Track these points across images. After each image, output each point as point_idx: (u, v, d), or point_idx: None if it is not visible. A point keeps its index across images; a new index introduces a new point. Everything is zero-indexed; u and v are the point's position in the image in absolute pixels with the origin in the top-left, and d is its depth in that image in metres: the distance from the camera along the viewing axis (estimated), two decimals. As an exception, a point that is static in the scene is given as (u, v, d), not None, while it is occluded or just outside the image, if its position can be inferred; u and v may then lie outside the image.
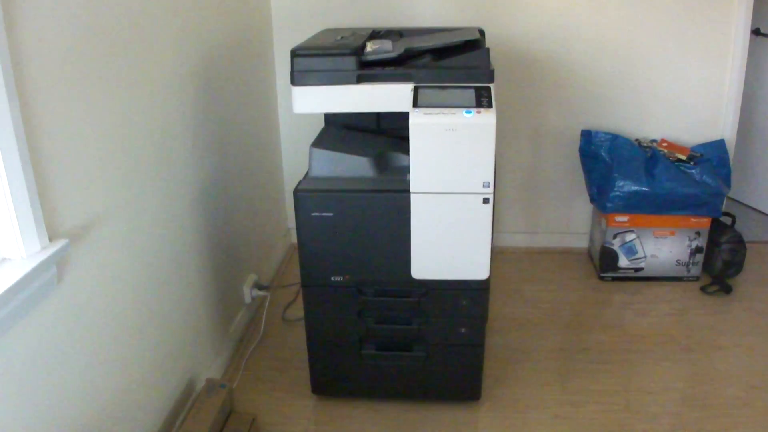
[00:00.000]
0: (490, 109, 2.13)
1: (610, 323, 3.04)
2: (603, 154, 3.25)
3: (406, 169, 2.24)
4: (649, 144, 3.29)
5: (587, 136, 3.31)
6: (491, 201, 2.19)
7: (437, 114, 2.13)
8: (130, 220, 2.01)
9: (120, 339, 1.98)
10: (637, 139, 3.31)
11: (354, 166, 2.32)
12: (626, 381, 2.65)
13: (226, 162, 2.78)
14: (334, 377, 2.50)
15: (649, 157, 3.19)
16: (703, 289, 3.25)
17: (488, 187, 2.16)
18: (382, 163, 2.34)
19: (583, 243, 3.70)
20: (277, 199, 3.62)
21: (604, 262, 3.32)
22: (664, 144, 3.28)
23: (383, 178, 2.30)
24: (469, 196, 2.18)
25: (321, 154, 2.34)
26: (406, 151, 2.19)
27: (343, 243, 2.27)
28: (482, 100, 2.17)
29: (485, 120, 2.11)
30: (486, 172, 2.15)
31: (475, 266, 2.27)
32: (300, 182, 2.30)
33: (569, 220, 3.67)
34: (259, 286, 3.02)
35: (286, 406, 2.54)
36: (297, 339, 2.52)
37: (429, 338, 2.39)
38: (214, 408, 2.27)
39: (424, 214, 2.20)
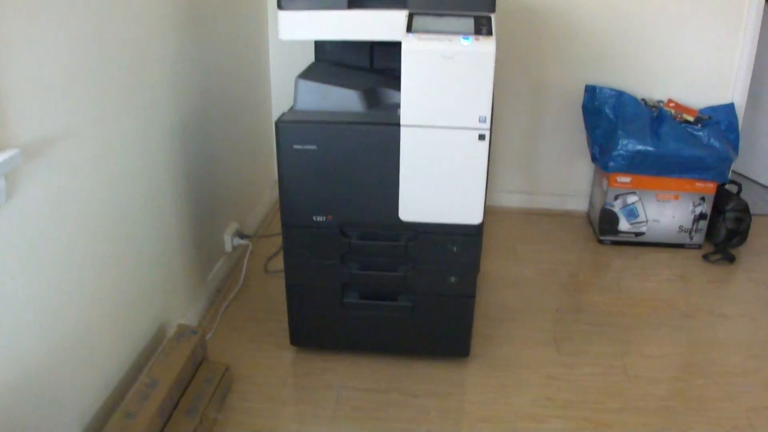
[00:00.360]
0: (490, 37, 1.93)
1: (608, 286, 2.84)
2: (607, 111, 3.04)
3: (398, 106, 2.04)
4: (656, 104, 3.08)
5: (591, 91, 3.10)
6: (488, 138, 1.98)
7: (432, 40, 1.91)
8: (98, 143, 1.81)
9: (82, 273, 1.79)
10: (643, 99, 3.10)
11: (342, 99, 2.11)
12: (623, 344, 2.45)
13: (210, 96, 2.56)
14: (314, 327, 2.30)
15: (655, 117, 2.99)
16: (705, 257, 3.05)
17: (485, 122, 1.96)
18: (372, 99, 2.14)
19: (582, 206, 3.49)
20: (265, 149, 3.40)
21: (604, 224, 3.12)
22: (671, 104, 3.07)
23: (373, 112, 2.10)
24: (463, 132, 1.97)
25: (307, 86, 2.14)
26: (400, 88, 1.99)
27: (327, 180, 2.06)
28: (481, 28, 1.96)
29: (484, 48, 1.90)
30: (483, 106, 1.94)
31: (467, 210, 2.07)
32: (283, 114, 2.10)
33: (569, 181, 3.46)
34: (240, 235, 2.82)
35: (263, 358, 2.35)
36: (278, 291, 2.33)
37: (416, 287, 2.19)
38: (183, 354, 2.08)
39: (415, 151, 2.00)
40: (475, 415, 2.12)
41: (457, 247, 2.12)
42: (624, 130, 2.92)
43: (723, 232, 3.06)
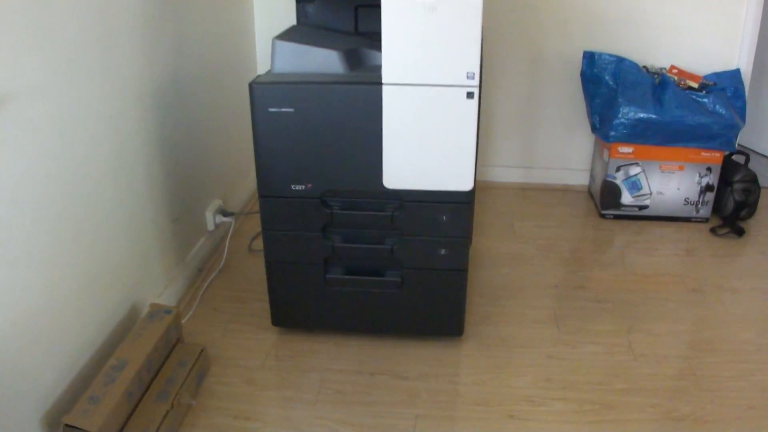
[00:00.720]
0: (478, -15, 1.73)
1: (611, 261, 2.64)
2: (607, 78, 2.83)
3: (380, 67, 1.85)
4: (658, 71, 2.87)
5: (590, 58, 2.88)
6: (477, 96, 1.78)
7: (415, -11, 1.73)
8: (60, 105, 1.64)
9: (45, 246, 1.61)
10: (644, 66, 2.89)
11: (322, 61, 1.91)
12: (628, 322, 2.25)
13: (189, 60, 2.36)
14: (296, 307, 2.10)
15: (658, 83, 2.78)
16: (713, 230, 2.84)
17: (473, 78, 1.76)
18: (354, 60, 1.94)
19: (582, 180, 3.28)
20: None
21: (606, 197, 2.91)
22: (674, 70, 2.86)
23: (354, 74, 1.90)
24: (450, 90, 1.77)
25: (285, 47, 1.94)
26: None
27: (306, 145, 1.86)
28: (469, -24, 1.77)
29: (471, -4, 1.71)
30: (471, 61, 1.74)
31: (456, 175, 1.87)
32: (258, 76, 1.91)
33: (568, 154, 3.25)
34: (224, 212, 2.62)
35: (244, 339, 2.15)
36: (262, 271, 2.13)
37: (404, 261, 1.99)
38: (154, 334, 1.89)
39: (399, 111, 1.80)
40: (470, 398, 1.93)
41: (446, 216, 1.92)
42: (625, 97, 2.71)
43: (731, 204, 2.85)
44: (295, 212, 1.95)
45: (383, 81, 1.77)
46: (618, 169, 2.82)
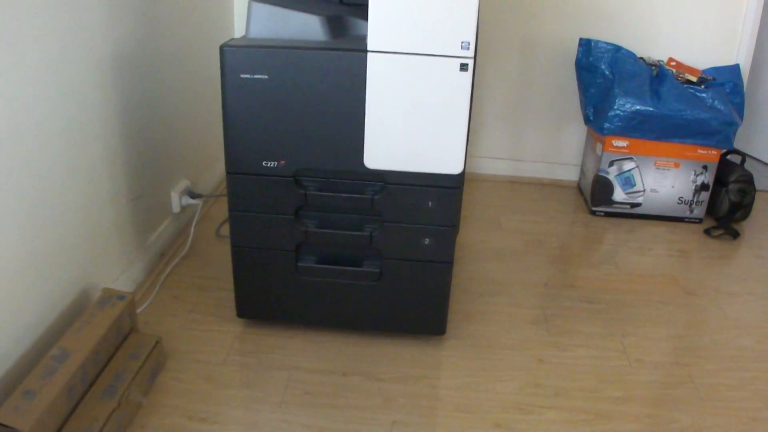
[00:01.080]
0: (477, -57, 1.52)
1: (602, 260, 2.44)
2: (603, 67, 2.63)
3: (364, 37, 1.64)
4: (655, 63, 2.69)
5: (586, 45, 2.68)
6: (471, 69, 1.58)
7: (407, -56, 1.51)
8: (5, 69, 1.39)
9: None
10: (641, 57, 2.71)
11: (302, 26, 1.69)
12: (622, 324, 2.05)
13: (157, 23, 2.11)
14: (264, 297, 1.87)
15: (656, 75, 2.59)
16: (707, 232, 2.65)
17: (468, 49, 1.54)
18: (337, 27, 1.71)
19: (572, 175, 3.08)
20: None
21: (598, 193, 2.72)
22: (673, 63, 2.67)
23: (336, 41, 1.68)
24: (442, 60, 1.55)
25: (261, 9, 1.70)
26: (367, 18, 1.59)
27: (280, 117, 1.63)
28: (467, -66, 1.56)
29: (470, -45, 1.50)
30: (466, 29, 1.52)
31: (446, 156, 1.65)
32: (231, 39, 1.68)
33: (558, 147, 3.04)
34: (191, 193, 2.38)
35: (205, 331, 1.92)
36: (229, 259, 1.90)
37: (384, 250, 1.77)
38: (104, 323, 1.65)
39: (384, 83, 1.58)
40: (452, 403, 1.71)
41: (432, 201, 1.70)
42: (621, 88, 2.52)
43: (726, 204, 2.67)
44: (266, 192, 1.72)
45: (368, 48, 1.55)
46: (611, 164, 2.63)
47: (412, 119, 1.61)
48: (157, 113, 2.16)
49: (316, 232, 1.76)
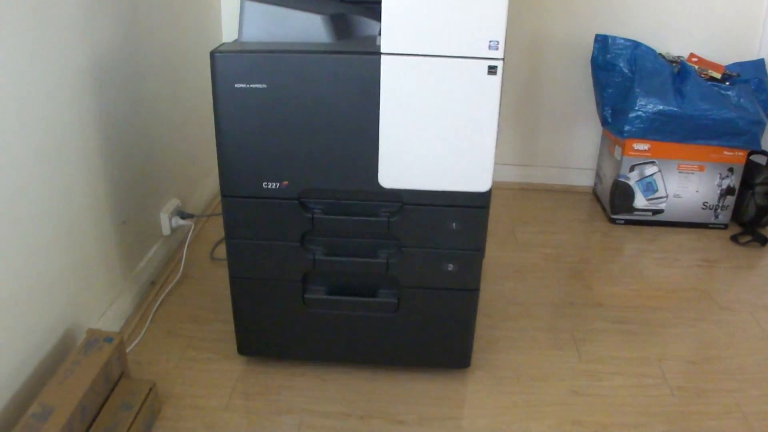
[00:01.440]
0: (506, -73, 1.30)
1: (628, 274, 2.22)
2: (621, 65, 2.41)
3: (374, 38, 1.42)
4: (676, 59, 2.48)
5: (603, 42, 2.46)
6: (500, 72, 1.36)
7: (425, -70, 1.29)
8: None
9: None
10: (660, 54, 2.50)
11: (302, 27, 1.46)
12: (657, 346, 1.84)
13: (140, 30, 1.87)
14: (268, 332, 1.64)
15: (677, 73, 2.38)
16: (734, 238, 2.44)
17: (496, 49, 1.32)
18: (342, 27, 1.49)
19: (587, 180, 2.85)
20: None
21: (617, 200, 2.49)
22: (694, 59, 2.46)
23: (342, 43, 1.46)
24: (467, 63, 1.32)
25: (256, 9, 1.47)
26: (378, 18, 1.36)
27: (281, 132, 1.39)
28: None
29: (498, -59, 1.27)
30: (495, 26, 1.30)
31: (471, 173, 1.42)
32: (223, 44, 1.45)
33: (572, 151, 2.81)
34: (182, 214, 2.14)
35: (204, 371, 1.68)
36: (227, 283, 1.67)
37: (402, 278, 1.54)
38: (90, 371, 1.42)
39: (400, 90, 1.35)
40: (482, 446, 1.50)
41: (456, 223, 1.48)
42: (642, 87, 2.30)
43: (752, 208, 2.47)
44: (267, 217, 1.48)
45: (382, 50, 1.32)
46: (632, 169, 2.41)
47: (433, 131, 1.38)
48: (143, 127, 1.92)
49: (325, 260, 1.52)
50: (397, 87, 1.34)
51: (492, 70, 1.33)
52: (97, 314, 1.71)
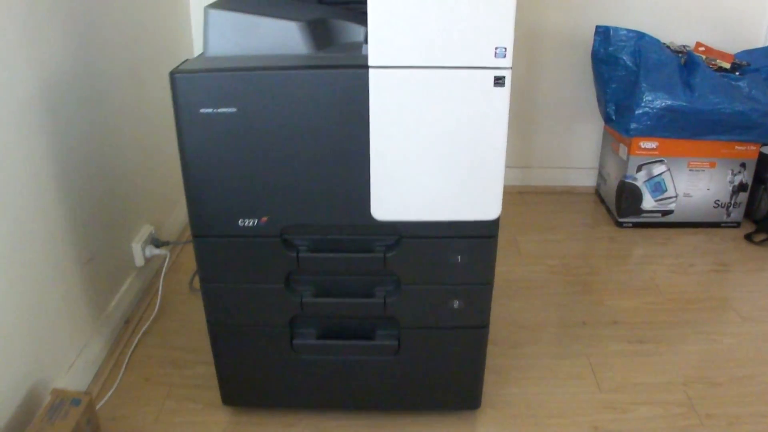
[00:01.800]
0: None
1: (641, 284, 2.01)
2: (625, 58, 2.18)
3: (359, 45, 1.20)
4: (681, 49, 2.27)
5: (604, 34, 2.23)
6: (508, 83, 1.14)
7: None
8: None
9: None
10: (665, 44, 2.28)
11: (275, 36, 1.24)
12: (680, 367, 1.64)
13: (98, 48, 1.63)
14: (254, 381, 1.42)
15: (684, 64, 2.17)
16: (748, 237, 2.25)
17: (503, 56, 1.11)
18: (322, 36, 1.27)
19: (589, 181, 2.63)
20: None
21: (624, 202, 2.28)
22: (701, 48, 2.25)
23: (323, 54, 1.24)
24: (469, 74, 1.11)
25: (222, 18, 1.25)
26: (362, 21, 1.15)
27: (256, 162, 1.17)
28: None
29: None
30: (501, 31, 1.08)
31: (478, 199, 1.20)
32: (184, 61, 1.23)
33: (572, 151, 2.60)
34: (156, 242, 1.92)
35: (186, 423, 1.46)
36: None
37: (402, 318, 1.33)
38: (51, 443, 1.22)
39: (392, 108, 1.13)
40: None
41: (461, 256, 1.27)
42: (648, 81, 2.09)
43: (765, 205, 2.27)
44: (245, 257, 1.26)
45: (369, 63, 1.10)
46: (639, 169, 2.21)
47: (432, 153, 1.16)
48: (106, 152, 1.69)
49: (314, 302, 1.31)
50: (389, 105, 1.13)
51: (499, 81, 1.12)
52: (64, 366, 1.49)
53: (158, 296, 1.84)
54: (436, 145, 1.16)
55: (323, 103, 1.13)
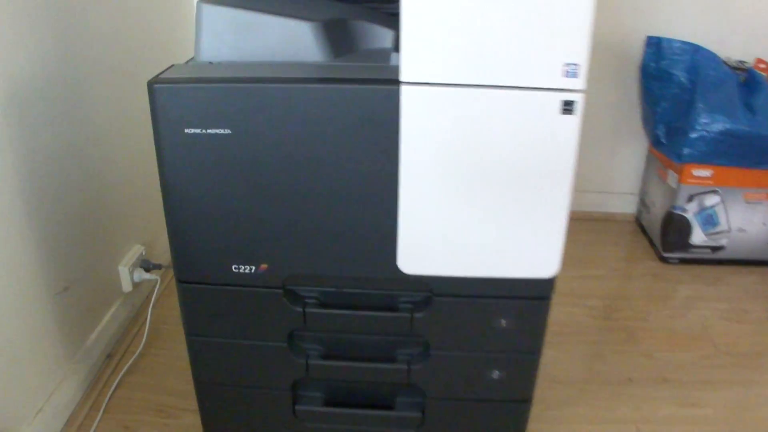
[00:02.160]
0: None
1: (690, 333, 1.72)
2: (678, 74, 1.90)
3: (386, 53, 0.95)
4: (740, 65, 1.99)
5: (656, 45, 1.94)
6: (580, 110, 0.88)
7: None
8: None
9: None
10: (720, 59, 2.00)
11: (283, 39, 0.97)
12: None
13: (79, 45, 1.37)
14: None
15: (743, 82, 1.90)
16: (807, 278, 1.99)
17: (575, 75, 0.84)
18: (340, 39, 1.00)
19: (628, 207, 2.32)
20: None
21: (671, 235, 1.99)
22: (762, 65, 1.97)
23: (342, 63, 0.98)
24: (530, 97, 0.84)
25: (218, 15, 0.99)
26: (390, 24, 0.90)
27: (256, 197, 0.91)
28: None
29: None
30: (574, 43, 0.82)
31: (532, 253, 0.95)
32: (169, 68, 0.97)
33: (612, 174, 2.29)
34: (147, 264, 1.65)
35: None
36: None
37: (428, 387, 1.06)
38: None
39: (429, 137, 0.86)
40: None
41: (507, 319, 1.01)
42: (705, 101, 1.81)
43: (826, 243, 2.00)
44: (241, 310, 1.00)
45: (402, 77, 0.84)
46: (690, 199, 1.93)
47: (477, 193, 0.90)
48: (88, 161, 1.42)
49: (323, 365, 1.05)
50: (424, 131, 0.86)
51: (568, 107, 0.85)
52: (31, 412, 1.24)
53: (146, 327, 1.58)
54: (483, 183, 0.89)
55: (342, 126, 0.87)
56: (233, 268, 0.96)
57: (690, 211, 1.93)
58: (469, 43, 0.82)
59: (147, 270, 1.62)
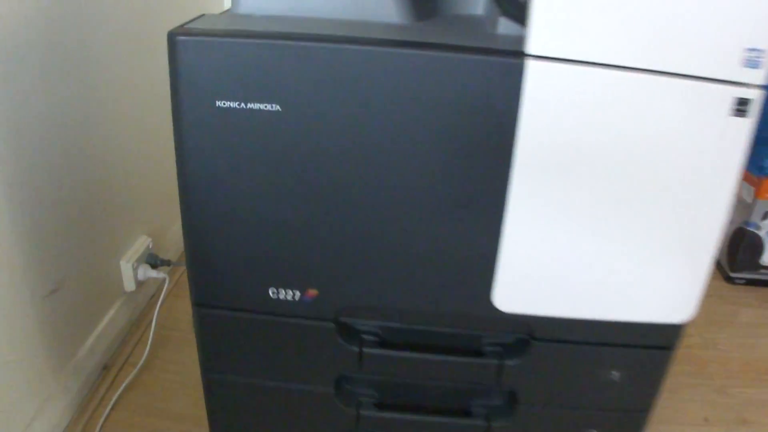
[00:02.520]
0: None
1: (764, 365, 1.53)
2: (763, 75, 1.67)
3: (481, 20, 0.71)
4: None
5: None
6: (754, 112, 0.63)
7: None
8: None
9: None
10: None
11: (351, -5, 0.74)
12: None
13: (87, 6, 1.12)
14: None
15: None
16: None
17: (756, 66, 0.59)
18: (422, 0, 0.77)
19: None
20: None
21: (741, 254, 1.73)
22: None
23: (430, 27, 0.71)
24: (694, 88, 0.58)
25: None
26: None
27: (307, 199, 0.66)
28: None
29: None
30: (755, 26, 0.58)
31: (664, 291, 0.69)
32: (197, 18, 0.72)
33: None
34: (153, 260, 1.39)
35: None
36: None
37: (510, 447, 0.85)
38: None
39: (556, 133, 0.61)
40: None
41: (620, 372, 0.77)
42: (794, 108, 1.58)
43: None
44: (276, 345, 0.75)
45: (529, 50, 0.59)
46: (766, 216, 1.70)
47: (608, 213, 0.66)
48: (84, 136, 1.16)
49: (378, 416, 0.80)
50: (552, 125, 0.61)
51: (741, 107, 0.61)
52: (20, 427, 1.00)
53: (150, 333, 1.33)
54: (618, 199, 0.64)
55: (433, 109, 0.62)
56: (270, 292, 0.71)
57: (764, 229, 1.68)
58: (623, 11, 0.57)
59: (154, 266, 1.36)
